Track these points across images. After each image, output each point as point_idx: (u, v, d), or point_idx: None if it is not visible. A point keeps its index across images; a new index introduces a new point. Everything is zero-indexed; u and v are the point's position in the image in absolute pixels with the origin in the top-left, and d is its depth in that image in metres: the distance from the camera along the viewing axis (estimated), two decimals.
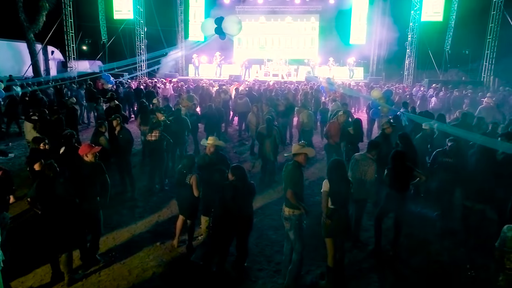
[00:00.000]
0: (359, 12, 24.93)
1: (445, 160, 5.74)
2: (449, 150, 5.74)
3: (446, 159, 5.72)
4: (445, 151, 5.79)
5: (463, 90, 15.22)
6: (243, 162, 9.30)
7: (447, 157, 5.72)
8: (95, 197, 4.71)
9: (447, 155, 5.74)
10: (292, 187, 4.29)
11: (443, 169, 5.74)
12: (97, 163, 4.78)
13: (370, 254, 5.24)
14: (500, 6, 19.66)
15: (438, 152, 5.93)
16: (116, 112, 8.66)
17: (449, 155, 5.74)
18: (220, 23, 10.88)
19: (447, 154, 5.75)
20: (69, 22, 22.72)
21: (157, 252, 5.14)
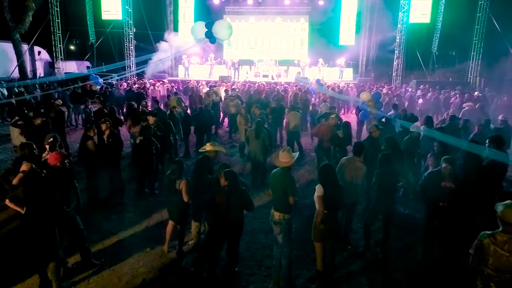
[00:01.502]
0: (348, 13, 25.15)
1: (446, 186, 4.82)
2: (449, 174, 4.82)
3: (446, 183, 4.81)
4: (441, 174, 4.88)
5: (451, 91, 15.47)
6: (234, 164, 9.30)
7: (446, 181, 4.82)
8: (69, 203, 4.65)
9: (445, 179, 4.83)
10: (292, 193, 4.33)
11: (442, 194, 4.85)
12: (65, 169, 4.71)
13: (360, 256, 5.29)
14: (485, 9, 20.03)
15: (433, 176, 4.98)
16: (109, 115, 8.58)
17: (449, 178, 4.83)
18: (210, 27, 10.84)
19: (446, 177, 4.84)
20: (56, 22, 22.43)
21: (147, 257, 5.10)
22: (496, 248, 3.14)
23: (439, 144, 6.10)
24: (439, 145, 6.08)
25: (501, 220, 3.16)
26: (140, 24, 24.29)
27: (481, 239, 3.23)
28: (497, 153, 5.02)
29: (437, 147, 6.09)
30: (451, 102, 14.20)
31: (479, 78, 21.62)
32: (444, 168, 4.83)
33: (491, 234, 3.21)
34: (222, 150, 5.67)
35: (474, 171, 5.24)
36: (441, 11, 22.94)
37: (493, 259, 3.16)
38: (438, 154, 5.94)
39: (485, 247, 3.19)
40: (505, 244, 3.12)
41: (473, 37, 21.17)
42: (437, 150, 6.06)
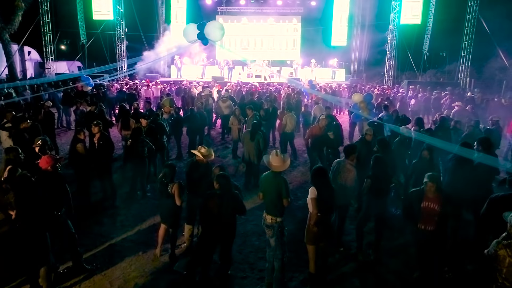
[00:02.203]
0: (340, 14, 25.30)
1: (427, 207, 4.32)
2: (433, 193, 4.28)
3: (428, 204, 4.31)
4: (423, 193, 4.34)
5: (442, 92, 15.63)
6: (227, 166, 9.26)
7: (427, 201, 4.31)
8: (60, 207, 4.59)
9: (427, 199, 4.30)
10: (286, 196, 4.37)
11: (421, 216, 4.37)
12: (57, 173, 4.64)
13: (352, 258, 5.31)
14: (475, 10, 20.29)
15: (414, 195, 4.46)
16: (98, 117, 8.50)
17: (432, 198, 4.30)
18: (202, 29, 10.80)
19: (428, 197, 4.29)
20: (47, 22, 22.18)
21: (139, 262, 5.07)
22: (511, 260, 3.04)
23: (427, 150, 5.87)
24: (427, 152, 5.85)
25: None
26: (131, 25, 24.14)
27: (496, 249, 3.13)
28: (486, 157, 5.07)
29: (425, 155, 5.86)
30: (442, 102, 14.34)
31: (469, 79, 21.90)
32: (428, 187, 4.26)
33: (507, 245, 3.09)
34: (212, 155, 5.51)
35: (464, 172, 5.29)
36: (432, 13, 23.19)
37: (506, 270, 3.08)
38: (424, 162, 5.79)
39: (499, 258, 3.11)
40: None
41: (463, 38, 21.44)
42: (424, 158, 5.87)
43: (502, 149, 9.62)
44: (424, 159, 5.85)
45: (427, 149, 5.83)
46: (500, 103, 13.44)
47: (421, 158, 5.93)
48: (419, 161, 5.97)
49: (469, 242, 5.48)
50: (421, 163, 5.89)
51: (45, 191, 4.26)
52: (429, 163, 5.77)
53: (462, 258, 5.14)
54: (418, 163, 5.98)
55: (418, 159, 6.00)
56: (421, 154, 5.90)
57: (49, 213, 4.20)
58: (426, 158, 5.82)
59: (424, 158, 5.85)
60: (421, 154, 5.89)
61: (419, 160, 5.97)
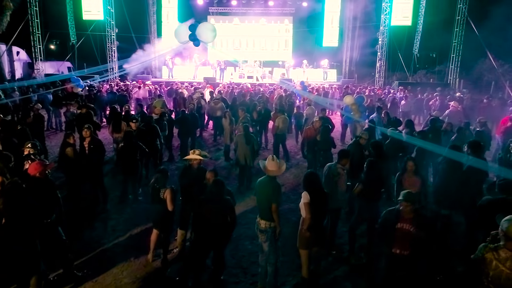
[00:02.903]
0: (332, 15, 25.43)
1: (403, 228, 3.92)
2: (408, 213, 3.91)
3: (403, 225, 3.92)
4: (399, 213, 3.95)
5: (433, 93, 15.82)
6: (219, 169, 9.24)
7: (402, 222, 3.92)
8: (50, 214, 4.52)
9: (402, 219, 3.93)
10: (276, 201, 4.34)
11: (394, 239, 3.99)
12: (47, 179, 4.56)
13: (345, 261, 5.33)
14: (464, 12, 20.53)
15: (388, 215, 4.06)
16: (87, 120, 8.40)
17: (408, 218, 3.93)
18: (194, 30, 10.75)
19: (404, 218, 3.92)
20: (35, 22, 21.90)
21: (131, 267, 5.02)
22: (498, 264, 3.05)
23: (411, 161, 5.27)
24: (412, 163, 5.23)
25: (505, 235, 3.05)
26: (122, 25, 23.90)
27: (483, 252, 3.14)
28: (475, 161, 5.12)
29: (410, 167, 5.20)
30: (430, 104, 14.51)
31: (458, 80, 22.18)
32: (403, 207, 3.82)
33: (493, 249, 3.11)
34: (206, 155, 5.58)
35: (454, 174, 5.34)
36: (422, 14, 23.45)
37: (493, 273, 3.08)
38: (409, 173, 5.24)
39: (486, 261, 3.11)
40: (507, 261, 3.03)
41: (453, 39, 21.70)
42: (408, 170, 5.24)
43: (491, 150, 9.75)
44: (409, 172, 5.19)
45: (411, 160, 5.24)
46: (489, 104, 13.64)
47: (406, 171, 5.24)
48: (403, 174, 5.30)
49: (459, 244, 5.55)
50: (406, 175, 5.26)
51: (35, 198, 4.19)
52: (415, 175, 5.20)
53: (453, 260, 5.19)
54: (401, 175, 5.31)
55: (402, 172, 5.32)
56: (406, 166, 5.21)
57: (40, 221, 4.13)
58: (412, 170, 5.19)
59: (409, 171, 5.20)
60: (406, 165, 5.21)
61: (403, 173, 5.29)
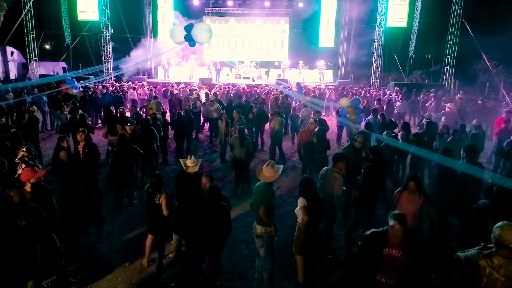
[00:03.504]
0: (327, 16, 25.48)
1: (390, 254, 3.47)
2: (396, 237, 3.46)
3: (391, 251, 3.47)
4: (386, 237, 3.49)
5: (429, 94, 15.90)
6: (214, 171, 9.23)
7: (390, 247, 3.47)
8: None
9: (390, 245, 3.47)
10: (264, 204, 4.29)
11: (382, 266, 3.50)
12: (41, 186, 4.48)
13: (340, 266, 5.32)
14: (459, 14, 20.64)
15: (375, 238, 3.55)
16: (80, 123, 8.34)
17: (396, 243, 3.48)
18: (189, 31, 10.72)
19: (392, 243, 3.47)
20: (30, 22, 21.76)
21: (126, 273, 4.98)
22: (491, 271, 3.03)
23: (412, 181, 4.72)
24: (413, 183, 4.69)
25: (497, 242, 3.02)
26: (117, 25, 23.78)
27: (477, 259, 3.10)
28: (470, 166, 5.11)
29: (411, 187, 4.69)
30: (427, 105, 14.56)
31: (453, 81, 22.29)
32: (394, 230, 3.36)
33: (487, 256, 3.07)
34: (196, 168, 5.36)
35: (448, 178, 5.35)
36: (417, 15, 23.55)
37: (487, 280, 3.05)
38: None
39: (480, 267, 3.08)
40: (500, 268, 3.00)
41: (448, 40, 21.81)
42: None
43: (486, 151, 9.80)
44: (410, 191, 4.72)
45: (413, 180, 4.71)
46: (484, 105, 13.72)
47: (406, 189, 4.76)
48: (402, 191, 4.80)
49: (455, 248, 5.57)
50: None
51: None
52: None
53: (448, 264, 5.20)
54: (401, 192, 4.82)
55: (402, 188, 4.84)
56: (407, 185, 4.75)
57: (43, 225, 4.07)
58: (413, 190, 4.70)
59: (410, 190, 4.72)
60: (407, 184, 4.75)
61: (403, 190, 4.80)
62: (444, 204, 5.47)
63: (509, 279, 3.04)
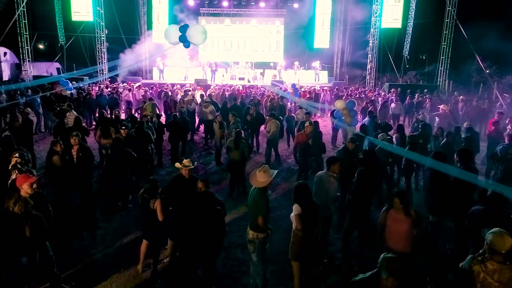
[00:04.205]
0: (322, 16, 25.54)
1: None
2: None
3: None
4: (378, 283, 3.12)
5: (424, 96, 15.99)
6: (210, 174, 9.20)
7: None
8: None
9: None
10: (261, 213, 4.28)
11: None
12: (37, 192, 4.39)
13: (336, 270, 5.32)
14: (453, 15, 20.77)
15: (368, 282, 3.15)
16: (75, 127, 8.28)
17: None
18: (184, 31, 10.67)
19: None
20: (23, 23, 21.57)
21: (120, 279, 4.94)
22: (486, 276, 3.05)
23: (397, 197, 4.34)
24: (398, 200, 4.30)
25: (490, 248, 3.06)
26: (112, 26, 23.62)
27: (471, 265, 3.13)
28: (465, 173, 5.12)
29: (396, 203, 4.31)
30: (423, 106, 14.64)
31: (447, 81, 22.44)
32: (386, 282, 3.01)
33: (481, 261, 3.10)
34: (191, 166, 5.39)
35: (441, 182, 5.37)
36: (412, 17, 23.66)
37: (481, 285, 3.08)
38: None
39: (474, 273, 3.10)
40: (494, 273, 3.03)
41: (442, 41, 21.94)
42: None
43: (481, 153, 9.84)
44: (396, 209, 4.33)
45: (398, 196, 4.33)
46: (478, 106, 13.82)
47: (392, 207, 4.38)
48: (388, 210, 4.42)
49: (449, 251, 5.60)
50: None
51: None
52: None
53: (443, 267, 5.22)
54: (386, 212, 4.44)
55: (388, 207, 4.43)
56: (392, 202, 4.35)
57: (44, 232, 4.04)
58: (399, 208, 4.30)
59: (396, 208, 4.33)
60: (392, 201, 4.35)
61: (389, 209, 4.41)
62: (438, 208, 5.50)
63: (502, 284, 3.07)
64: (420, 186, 8.19)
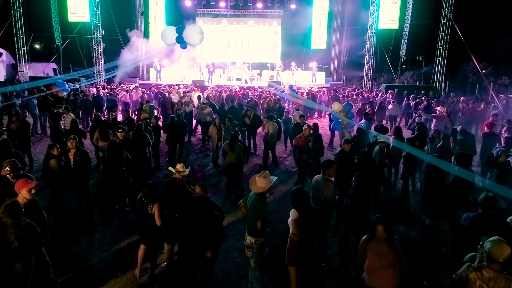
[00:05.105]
0: (320, 17, 25.56)
1: None
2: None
3: None
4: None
5: (421, 97, 16.04)
6: (207, 176, 9.20)
7: None
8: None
9: None
10: (260, 218, 4.28)
11: None
12: (31, 199, 4.34)
13: (333, 273, 5.33)
14: (449, 17, 20.84)
15: None
16: (72, 129, 8.24)
17: None
18: (181, 32, 10.65)
19: None
20: (19, 23, 21.45)
21: (118, 284, 4.92)
22: (482, 283, 3.07)
23: (381, 225, 3.74)
24: (382, 228, 3.72)
25: (488, 257, 3.08)
26: (109, 27, 23.51)
27: (467, 273, 3.15)
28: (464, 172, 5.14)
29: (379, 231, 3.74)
30: (419, 108, 14.68)
31: (444, 82, 22.53)
32: None
33: (477, 269, 3.13)
34: (185, 172, 5.39)
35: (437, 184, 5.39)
36: (408, 18, 23.73)
37: None
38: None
39: (470, 281, 3.11)
40: (490, 281, 3.05)
41: (438, 42, 22.02)
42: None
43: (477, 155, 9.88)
44: (379, 239, 3.78)
45: (381, 223, 3.77)
46: (474, 107, 13.89)
47: (374, 236, 3.83)
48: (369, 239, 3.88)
49: (446, 254, 5.63)
50: None
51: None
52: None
53: (439, 270, 5.25)
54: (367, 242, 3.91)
55: (368, 236, 3.88)
56: (374, 230, 3.80)
57: (38, 239, 4.03)
58: (382, 237, 3.75)
59: (378, 238, 3.78)
60: (374, 229, 3.80)
61: (370, 238, 3.88)
62: (434, 211, 5.53)
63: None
64: (417, 188, 8.23)
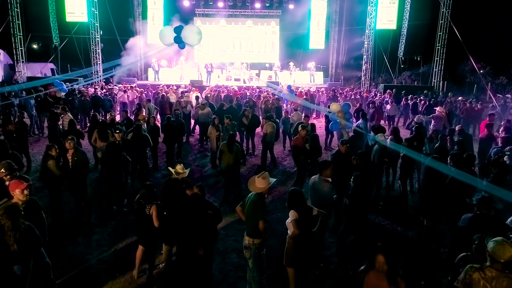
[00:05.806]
0: (318, 17, 25.60)
1: None
2: None
3: None
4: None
5: (419, 97, 16.08)
6: (206, 177, 9.20)
7: None
8: None
9: None
10: (260, 217, 4.28)
11: None
12: (30, 199, 4.34)
13: (331, 274, 5.33)
14: (447, 17, 20.91)
15: None
16: (69, 130, 8.22)
17: None
18: (179, 32, 10.64)
19: None
20: (16, 24, 21.39)
21: (116, 285, 4.92)
22: (485, 283, 3.10)
23: (382, 255, 3.25)
24: (383, 258, 3.23)
25: (491, 256, 3.13)
26: (107, 27, 23.46)
27: (471, 273, 3.17)
28: (462, 174, 5.16)
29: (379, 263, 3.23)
30: (419, 108, 14.73)
31: (442, 82, 22.59)
32: None
33: (480, 268, 3.16)
34: (185, 173, 5.43)
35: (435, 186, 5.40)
36: (406, 18, 23.77)
37: None
38: None
39: (474, 281, 3.14)
40: (493, 280, 3.08)
41: (436, 43, 22.08)
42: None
43: None
44: (379, 271, 3.34)
45: (381, 252, 3.34)
46: (472, 107, 13.92)
47: (373, 268, 3.35)
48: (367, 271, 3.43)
49: (444, 254, 5.63)
50: None
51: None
52: None
53: (438, 270, 5.26)
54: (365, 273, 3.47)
55: (366, 267, 3.45)
56: (374, 261, 3.35)
57: (37, 240, 4.00)
58: (382, 269, 3.30)
59: (378, 269, 3.33)
60: (374, 260, 3.34)
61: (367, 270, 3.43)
62: (432, 212, 5.54)
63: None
64: (415, 189, 8.25)
